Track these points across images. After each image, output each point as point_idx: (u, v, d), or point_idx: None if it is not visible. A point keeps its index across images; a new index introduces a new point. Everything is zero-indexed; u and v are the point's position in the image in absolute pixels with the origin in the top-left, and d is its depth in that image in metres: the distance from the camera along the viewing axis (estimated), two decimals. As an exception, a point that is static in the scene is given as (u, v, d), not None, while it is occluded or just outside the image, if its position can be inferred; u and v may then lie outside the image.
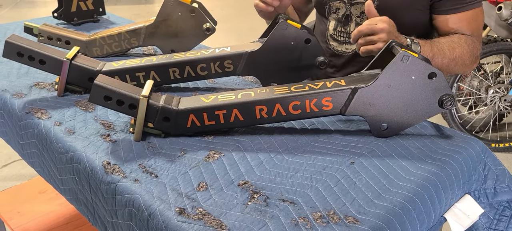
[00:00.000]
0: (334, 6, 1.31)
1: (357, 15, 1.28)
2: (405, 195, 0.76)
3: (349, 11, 1.28)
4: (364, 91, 0.89)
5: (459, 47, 1.16)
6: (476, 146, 0.91)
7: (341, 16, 1.30)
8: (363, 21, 1.25)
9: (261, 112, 0.92)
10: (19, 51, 1.09)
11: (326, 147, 0.90)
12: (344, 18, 1.30)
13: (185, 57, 1.13)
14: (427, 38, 1.20)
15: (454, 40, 1.18)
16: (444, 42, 1.17)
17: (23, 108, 1.07)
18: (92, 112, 1.05)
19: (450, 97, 0.89)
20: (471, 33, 1.21)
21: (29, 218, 1.70)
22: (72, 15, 1.68)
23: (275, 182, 0.80)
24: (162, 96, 0.94)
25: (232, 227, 0.69)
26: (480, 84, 2.65)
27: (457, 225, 0.86)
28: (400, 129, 0.93)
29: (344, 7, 1.29)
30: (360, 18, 1.27)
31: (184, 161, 0.86)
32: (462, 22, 1.20)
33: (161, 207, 0.74)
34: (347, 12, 1.28)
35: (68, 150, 0.92)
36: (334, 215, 0.72)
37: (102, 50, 1.37)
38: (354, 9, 1.27)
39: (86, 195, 0.89)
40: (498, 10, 2.45)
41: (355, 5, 1.27)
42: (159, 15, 1.31)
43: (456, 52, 1.16)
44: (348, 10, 1.28)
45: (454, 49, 1.16)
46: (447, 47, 1.15)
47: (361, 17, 1.27)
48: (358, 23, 1.27)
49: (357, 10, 1.27)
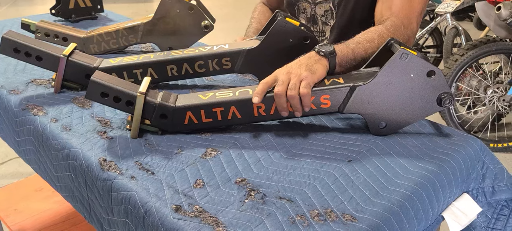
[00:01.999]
0: (302, 7, 1.33)
1: (321, 15, 1.29)
2: (403, 193, 0.76)
3: (314, 11, 1.30)
4: (363, 89, 0.89)
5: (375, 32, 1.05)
6: (474, 145, 0.91)
7: (309, 16, 1.32)
8: (328, 20, 1.28)
9: (258, 109, 0.92)
10: (16, 47, 1.08)
11: (324, 145, 0.90)
12: (312, 17, 1.32)
13: (183, 54, 1.12)
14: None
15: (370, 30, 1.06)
16: (361, 36, 1.05)
17: (20, 105, 1.06)
18: (89, 109, 1.04)
19: (448, 95, 0.88)
20: (396, 15, 1.09)
21: (25, 215, 1.70)
22: (70, 12, 1.68)
23: (273, 180, 0.79)
24: (159, 93, 0.93)
25: (228, 225, 0.69)
26: (478, 84, 2.65)
27: (455, 224, 0.86)
28: (398, 127, 0.93)
29: (309, 7, 1.31)
30: (324, 17, 1.29)
31: (181, 158, 0.86)
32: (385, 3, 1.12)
33: (157, 204, 0.73)
34: (312, 12, 1.30)
35: (64, 146, 0.91)
36: (332, 213, 0.71)
37: (100, 47, 1.36)
38: (318, 8, 1.29)
39: (82, 192, 0.88)
40: (497, 10, 2.45)
41: (318, 5, 1.29)
42: (157, 13, 1.31)
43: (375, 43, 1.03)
44: (313, 10, 1.30)
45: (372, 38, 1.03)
46: (365, 39, 1.03)
47: (325, 16, 1.29)
48: (324, 22, 1.29)
49: (321, 9, 1.29)
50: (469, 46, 2.58)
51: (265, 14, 1.43)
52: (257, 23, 1.37)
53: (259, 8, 1.45)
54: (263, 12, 1.43)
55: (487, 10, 2.63)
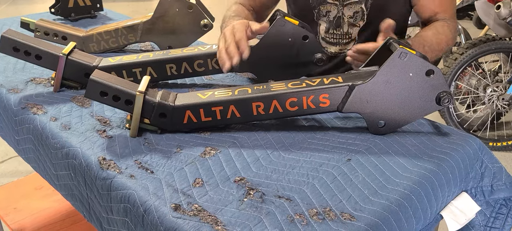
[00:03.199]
0: (324, 10, 1.32)
1: (350, 16, 1.29)
2: (402, 192, 0.76)
3: (341, 13, 1.29)
4: (362, 88, 0.89)
5: (444, 35, 1.21)
6: (473, 144, 0.91)
7: (333, 18, 1.31)
8: (356, 21, 1.29)
9: (258, 108, 0.92)
10: (15, 46, 1.08)
11: (323, 144, 0.90)
12: (335, 20, 1.30)
13: (182, 53, 1.12)
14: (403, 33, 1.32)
15: (439, 31, 1.21)
16: (431, 35, 1.20)
17: (19, 104, 1.06)
18: (88, 108, 1.04)
19: (447, 94, 0.88)
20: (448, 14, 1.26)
21: (25, 214, 1.70)
22: (69, 10, 1.67)
23: (272, 179, 0.80)
24: (159, 92, 0.94)
25: (227, 224, 0.69)
26: (478, 83, 2.65)
27: (454, 223, 0.86)
28: (397, 126, 0.93)
29: (336, 9, 1.29)
30: (353, 18, 1.28)
31: (180, 157, 0.86)
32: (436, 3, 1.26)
33: (156, 203, 0.73)
34: (339, 14, 1.29)
35: (63, 145, 0.92)
36: (330, 211, 0.72)
37: (99, 46, 1.36)
38: (347, 9, 1.28)
39: (82, 190, 0.89)
40: (497, 9, 2.45)
41: (347, 6, 1.28)
42: (157, 11, 1.31)
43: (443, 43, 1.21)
44: (340, 12, 1.29)
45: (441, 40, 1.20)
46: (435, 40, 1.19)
47: (354, 17, 1.28)
48: (351, 23, 1.29)
49: (350, 10, 1.28)
50: (468, 45, 2.58)
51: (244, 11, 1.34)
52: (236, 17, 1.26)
53: (234, 7, 1.35)
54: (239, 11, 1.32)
55: (486, 8, 2.63)
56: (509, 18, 2.42)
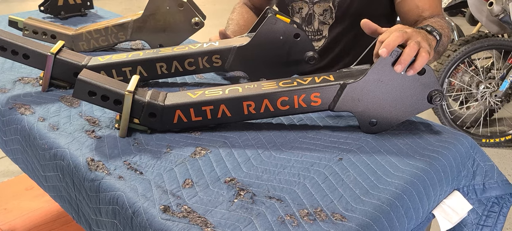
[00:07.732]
0: (296, 7, 1.33)
1: (320, 14, 1.30)
2: (393, 192, 0.76)
3: (313, 10, 1.30)
4: (353, 86, 0.88)
5: (447, 29, 1.15)
6: (465, 142, 0.91)
7: (305, 15, 1.31)
8: (326, 19, 1.29)
9: (249, 108, 0.91)
10: (2, 45, 1.06)
11: (315, 143, 0.89)
12: (307, 17, 1.31)
13: (172, 52, 1.11)
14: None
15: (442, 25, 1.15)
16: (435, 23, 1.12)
17: (7, 104, 1.04)
18: (77, 108, 1.03)
19: (439, 93, 0.88)
20: (437, 13, 1.20)
21: (15, 215, 1.68)
22: (59, 9, 1.65)
23: (262, 179, 0.79)
24: (148, 92, 0.92)
25: (217, 225, 0.68)
26: (471, 79, 2.66)
27: (446, 222, 0.86)
28: (389, 125, 0.92)
29: (307, 7, 1.31)
30: (323, 16, 1.29)
31: (170, 157, 0.85)
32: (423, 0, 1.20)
33: (145, 205, 0.72)
34: (310, 11, 1.30)
35: (51, 146, 0.90)
36: (321, 212, 0.71)
37: (89, 44, 1.34)
38: (317, 7, 1.29)
39: (70, 192, 0.87)
40: (489, 6, 2.45)
41: (317, 4, 1.29)
42: (147, 9, 1.29)
43: (447, 35, 1.14)
44: (311, 9, 1.30)
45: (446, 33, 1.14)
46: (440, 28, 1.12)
47: (323, 15, 1.29)
48: (321, 21, 1.30)
49: (320, 8, 1.29)
50: (461, 41, 2.58)
51: (244, 15, 1.41)
52: (234, 25, 1.36)
53: (238, 10, 1.43)
54: (241, 13, 1.41)
55: (479, 5, 2.63)
56: (501, 15, 2.42)
